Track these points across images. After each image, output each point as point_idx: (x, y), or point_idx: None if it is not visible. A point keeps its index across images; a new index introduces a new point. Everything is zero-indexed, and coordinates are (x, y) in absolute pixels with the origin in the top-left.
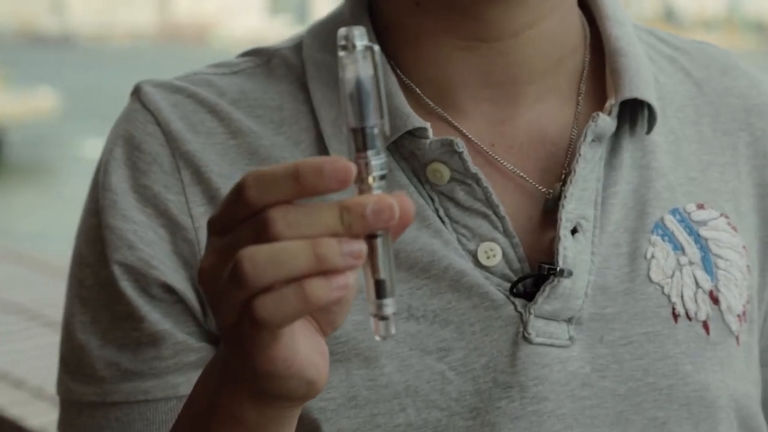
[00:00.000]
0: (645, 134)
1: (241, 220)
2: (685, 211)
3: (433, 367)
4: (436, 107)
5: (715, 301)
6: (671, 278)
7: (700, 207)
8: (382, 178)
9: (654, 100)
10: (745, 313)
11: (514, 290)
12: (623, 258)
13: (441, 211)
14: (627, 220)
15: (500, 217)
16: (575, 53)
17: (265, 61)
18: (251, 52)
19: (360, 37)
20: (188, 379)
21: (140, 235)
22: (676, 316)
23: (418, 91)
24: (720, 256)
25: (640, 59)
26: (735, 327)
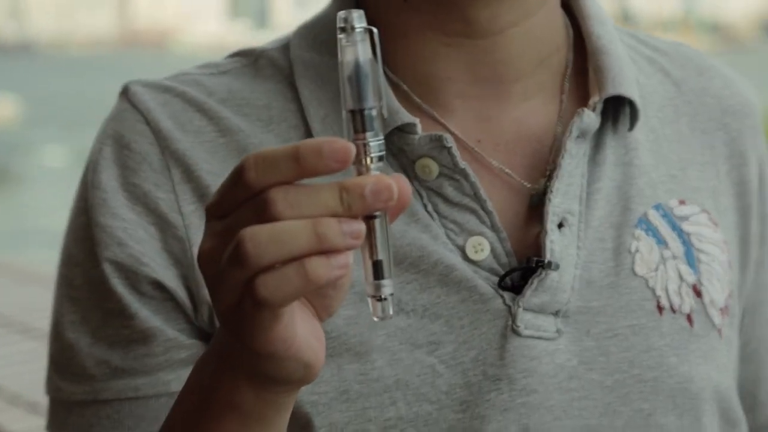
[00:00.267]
0: (627, 131)
1: (241, 202)
2: (667, 206)
3: (424, 361)
4: (422, 103)
5: (699, 294)
6: (655, 272)
7: (682, 203)
8: (380, 159)
9: (637, 97)
10: (727, 308)
11: (502, 284)
12: (608, 252)
13: (430, 207)
14: (611, 215)
15: (488, 212)
16: (559, 52)
17: (252, 61)
18: (238, 53)
19: (359, 20)
20: (179, 376)
21: (130, 232)
22: (660, 309)
23: (405, 87)
24: (702, 251)
25: (623, 58)
26: (718, 320)
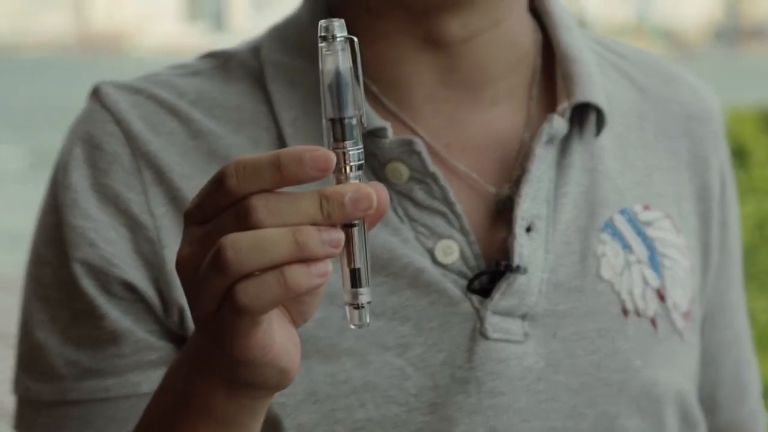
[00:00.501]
0: (593, 138)
1: (222, 209)
2: (632, 211)
3: (393, 363)
4: (392, 106)
5: (662, 298)
6: (621, 276)
7: (647, 208)
8: (360, 168)
9: (604, 104)
10: (690, 312)
11: (471, 287)
12: (575, 256)
13: (400, 210)
14: (578, 220)
15: (457, 215)
16: (527, 57)
17: (223, 63)
18: (209, 54)
19: (340, 29)
20: (148, 378)
21: (101, 233)
22: (626, 313)
23: (375, 90)
24: (665, 256)
25: (590, 65)
26: (680, 324)
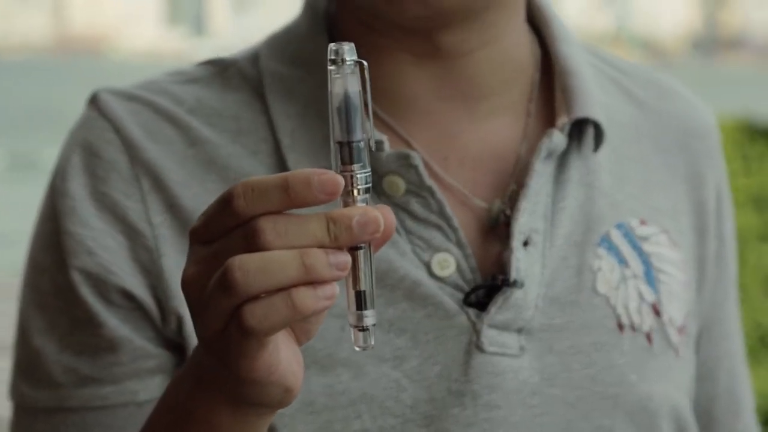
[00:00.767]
0: (591, 152)
1: (229, 230)
2: (629, 226)
3: (389, 375)
4: (389, 119)
5: (658, 313)
6: (616, 290)
7: (643, 223)
8: (367, 191)
9: (603, 119)
10: (685, 327)
11: (467, 300)
12: (571, 270)
13: (396, 223)
14: (574, 234)
15: (453, 229)
16: (525, 71)
17: (221, 71)
18: (207, 62)
19: (350, 52)
20: (146, 386)
21: (99, 241)
22: (621, 327)
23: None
24: (661, 271)
25: (590, 79)
26: (675, 339)
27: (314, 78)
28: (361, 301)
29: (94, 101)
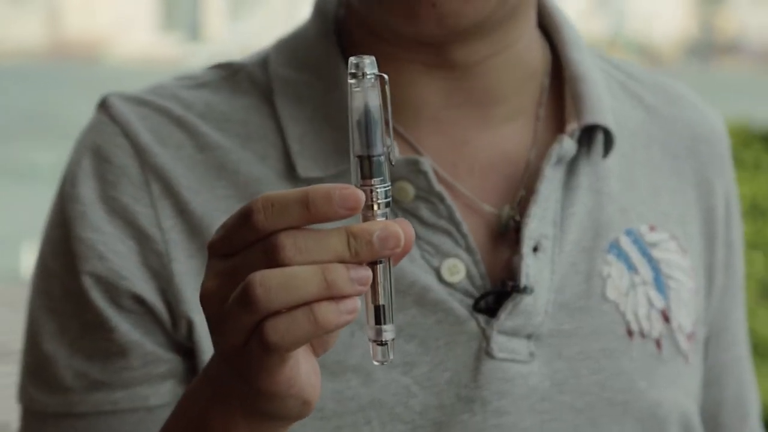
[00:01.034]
0: (600, 158)
1: (248, 244)
2: (639, 232)
3: (399, 381)
4: (398, 126)
5: (667, 320)
6: (626, 297)
7: (653, 229)
8: (387, 205)
9: (613, 126)
10: (694, 333)
11: (477, 306)
12: (581, 276)
13: None
14: (583, 240)
15: (463, 235)
16: (535, 77)
17: (230, 75)
18: (216, 66)
19: (371, 66)
20: (157, 390)
21: (110, 246)
22: (630, 334)
23: None
24: (671, 277)
25: (600, 85)
26: (684, 346)
27: (323, 83)
28: (380, 316)
29: (104, 105)
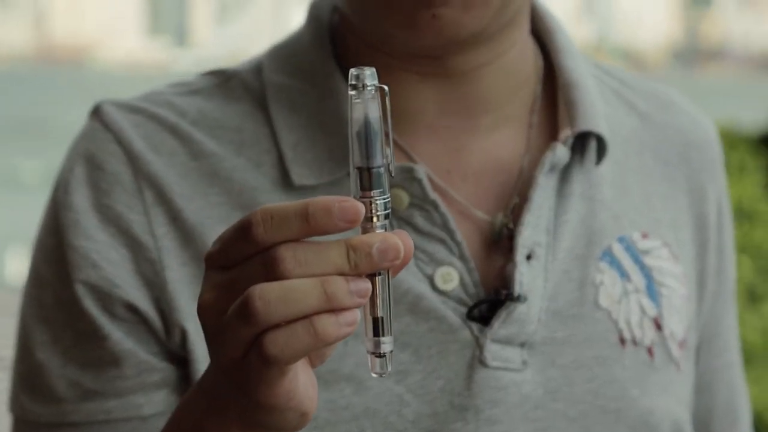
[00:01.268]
0: (593, 165)
1: (247, 257)
2: (631, 239)
3: (392, 390)
4: (392, 133)
5: (659, 327)
6: (618, 304)
7: (645, 236)
8: (386, 217)
9: (606, 133)
10: (686, 341)
11: (471, 315)
12: (573, 284)
13: None
14: (576, 248)
15: (457, 243)
16: (528, 84)
17: (224, 81)
18: (209, 72)
19: (371, 78)
20: (150, 399)
21: (103, 254)
22: (623, 341)
23: None
24: (663, 284)
25: (593, 92)
26: (676, 353)
27: (317, 90)
28: (378, 328)
29: (97, 113)
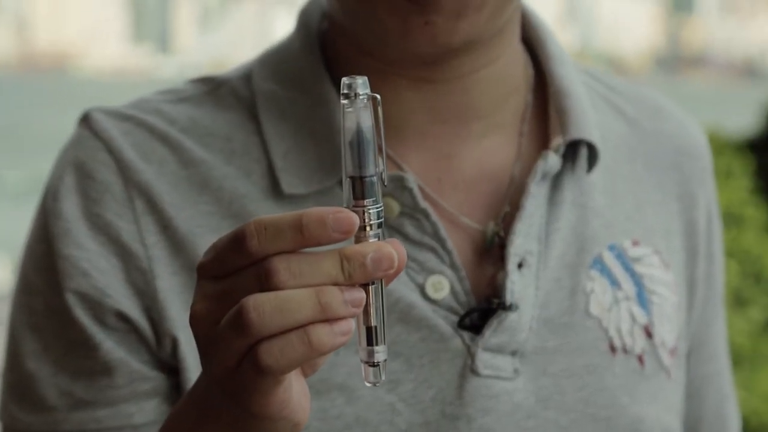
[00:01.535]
0: (584, 173)
1: (240, 268)
2: (621, 247)
3: (383, 399)
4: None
5: (650, 335)
6: (609, 312)
7: (636, 244)
8: (380, 226)
9: (598, 141)
10: (676, 348)
11: (462, 323)
12: (564, 292)
13: None
14: (567, 256)
15: (447, 251)
16: (518, 91)
17: (213, 89)
18: (198, 79)
19: (363, 86)
20: (141, 408)
21: (93, 263)
22: (613, 350)
23: None
24: (654, 292)
25: (584, 99)
26: (667, 361)
27: (307, 98)
28: (372, 337)
29: (86, 120)
